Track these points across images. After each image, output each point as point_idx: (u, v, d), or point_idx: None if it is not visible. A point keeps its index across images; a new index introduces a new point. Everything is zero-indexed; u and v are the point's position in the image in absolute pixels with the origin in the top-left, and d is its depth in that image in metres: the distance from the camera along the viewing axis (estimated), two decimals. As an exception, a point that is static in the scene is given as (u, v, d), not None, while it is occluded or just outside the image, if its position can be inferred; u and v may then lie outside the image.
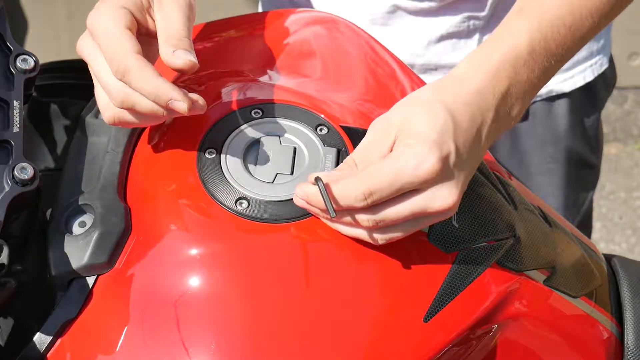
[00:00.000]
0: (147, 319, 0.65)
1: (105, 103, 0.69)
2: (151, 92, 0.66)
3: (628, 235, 2.36)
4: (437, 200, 0.65)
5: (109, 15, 0.68)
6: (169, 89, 0.66)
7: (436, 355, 0.67)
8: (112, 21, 0.68)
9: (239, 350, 0.64)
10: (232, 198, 0.69)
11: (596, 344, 0.81)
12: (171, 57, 0.67)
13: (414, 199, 0.65)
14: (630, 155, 2.59)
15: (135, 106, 0.67)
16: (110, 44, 0.67)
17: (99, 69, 0.68)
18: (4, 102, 0.69)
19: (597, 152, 1.23)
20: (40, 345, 0.66)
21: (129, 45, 0.67)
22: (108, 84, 0.68)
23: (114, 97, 0.68)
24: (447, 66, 1.07)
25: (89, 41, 0.70)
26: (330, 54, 0.83)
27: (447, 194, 0.65)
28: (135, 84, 0.66)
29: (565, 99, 1.13)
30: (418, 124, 0.66)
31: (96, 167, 0.73)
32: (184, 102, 0.66)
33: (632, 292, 0.85)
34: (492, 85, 0.69)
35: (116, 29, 0.68)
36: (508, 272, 0.73)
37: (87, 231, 0.69)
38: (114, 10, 0.69)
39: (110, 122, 0.70)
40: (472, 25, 1.04)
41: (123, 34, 0.67)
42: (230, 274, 0.67)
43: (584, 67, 1.12)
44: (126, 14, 0.69)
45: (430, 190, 0.65)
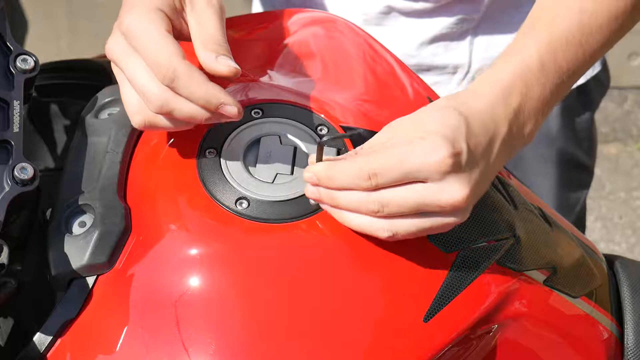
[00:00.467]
0: (147, 319, 0.65)
1: (137, 107, 0.68)
2: (202, 97, 0.65)
3: (628, 235, 2.36)
4: (446, 193, 0.64)
5: (147, 19, 0.67)
6: (220, 92, 0.66)
7: (436, 355, 0.67)
8: (152, 25, 0.67)
9: (239, 350, 0.64)
10: (232, 198, 0.69)
11: (596, 344, 0.81)
12: (214, 62, 0.67)
13: (421, 188, 0.64)
14: (630, 155, 2.59)
15: (174, 111, 0.66)
16: (153, 49, 0.66)
17: (134, 72, 0.67)
18: (4, 102, 0.69)
19: (591, 153, 1.23)
20: (40, 345, 0.66)
21: (175, 50, 0.66)
22: (146, 88, 0.66)
23: (152, 102, 0.66)
24: (439, 67, 1.07)
25: (122, 43, 0.68)
26: (330, 53, 0.83)
27: (457, 188, 0.64)
28: (185, 90, 0.65)
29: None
30: (431, 123, 0.65)
31: (96, 167, 0.73)
32: (234, 106, 0.66)
33: (632, 292, 0.85)
34: (505, 100, 0.69)
35: (158, 33, 0.66)
36: (508, 272, 0.73)
37: (87, 231, 0.69)
38: (150, 13, 0.67)
39: (140, 126, 0.69)
40: (464, 26, 1.04)
41: (166, 39, 0.66)
42: (230, 274, 0.67)
43: None
44: (163, 17, 0.68)
45: (439, 183, 0.64)
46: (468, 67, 1.08)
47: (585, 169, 1.23)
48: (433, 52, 1.06)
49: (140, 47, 0.67)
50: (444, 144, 0.63)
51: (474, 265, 0.71)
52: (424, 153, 0.63)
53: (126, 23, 0.68)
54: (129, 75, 0.68)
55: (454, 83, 1.08)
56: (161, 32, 0.67)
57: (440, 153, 0.63)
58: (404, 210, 0.65)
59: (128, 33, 0.67)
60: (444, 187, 0.64)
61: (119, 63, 0.69)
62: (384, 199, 0.64)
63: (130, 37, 0.67)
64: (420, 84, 0.83)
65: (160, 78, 0.65)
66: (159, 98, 0.66)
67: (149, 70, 0.66)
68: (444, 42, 1.05)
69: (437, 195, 0.64)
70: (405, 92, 0.82)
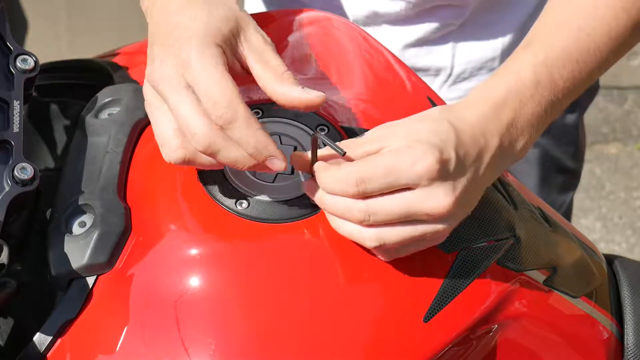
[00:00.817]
0: (147, 319, 0.65)
1: (178, 142, 0.66)
2: (253, 145, 0.64)
3: (628, 235, 2.36)
4: (432, 199, 0.64)
5: (209, 55, 0.64)
6: (271, 144, 0.64)
7: (436, 355, 0.67)
8: (212, 60, 0.64)
9: (239, 350, 0.64)
10: (232, 198, 0.69)
11: (596, 344, 0.81)
12: (304, 93, 0.65)
13: (408, 195, 0.64)
14: (630, 155, 2.59)
15: (220, 154, 0.64)
16: (212, 87, 0.63)
17: (183, 105, 0.64)
18: (4, 102, 0.69)
19: (577, 157, 1.22)
20: (40, 345, 0.66)
21: (235, 92, 0.63)
22: (195, 125, 0.63)
23: (199, 140, 0.63)
24: (422, 69, 1.07)
25: (173, 71, 0.65)
26: (328, 53, 0.83)
27: (442, 195, 0.64)
28: (238, 134, 0.63)
29: None
30: (422, 133, 0.66)
31: (96, 167, 0.73)
32: (282, 161, 0.65)
33: (632, 292, 0.85)
34: (497, 114, 0.69)
35: (217, 70, 0.64)
36: (508, 272, 0.73)
37: (87, 231, 0.69)
38: (211, 48, 0.65)
39: (178, 161, 0.66)
40: (447, 30, 1.04)
41: (226, 78, 0.64)
42: (230, 274, 0.67)
43: None
44: (222, 53, 0.65)
45: (426, 189, 0.64)
46: (450, 70, 1.08)
47: (570, 173, 1.23)
48: (416, 54, 1.06)
49: (197, 83, 0.64)
50: (432, 151, 0.64)
51: (474, 265, 0.71)
52: (412, 160, 0.64)
53: (183, 56, 0.64)
54: (174, 108, 0.65)
55: (436, 85, 1.08)
56: (222, 71, 0.64)
57: (428, 159, 0.63)
58: (391, 219, 0.65)
59: (185, 65, 0.64)
60: (430, 192, 0.64)
61: (166, 91, 0.65)
62: (370, 208, 0.64)
63: (186, 70, 0.64)
64: (419, 82, 0.83)
65: (216, 117, 0.63)
66: (208, 137, 0.63)
67: (199, 107, 0.64)
68: (427, 45, 1.05)
69: (424, 202, 0.64)
70: (405, 90, 0.82)
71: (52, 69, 0.89)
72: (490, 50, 1.07)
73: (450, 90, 1.09)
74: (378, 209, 0.64)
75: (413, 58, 1.06)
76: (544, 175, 1.18)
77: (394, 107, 0.79)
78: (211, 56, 0.64)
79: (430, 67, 1.08)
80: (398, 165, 0.64)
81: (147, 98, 0.68)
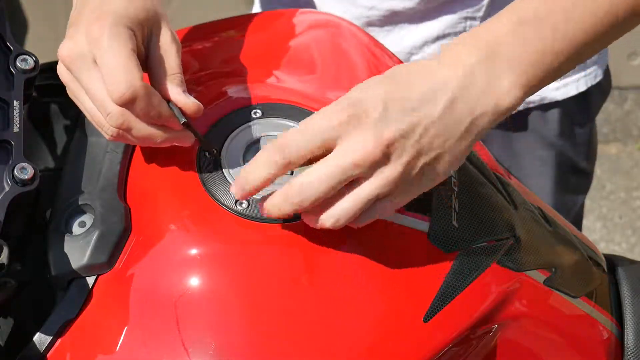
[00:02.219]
0: (147, 319, 0.65)
1: (102, 120, 0.67)
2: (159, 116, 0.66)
3: (628, 235, 2.36)
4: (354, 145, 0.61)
5: (116, 34, 0.65)
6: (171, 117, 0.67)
7: (436, 355, 0.67)
8: (120, 40, 0.65)
9: (239, 350, 0.64)
10: (232, 198, 0.69)
11: (596, 344, 0.81)
12: (184, 97, 0.67)
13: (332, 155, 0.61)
14: (630, 155, 2.59)
15: (133, 130, 0.67)
16: (117, 66, 0.64)
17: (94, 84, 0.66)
18: (4, 102, 0.69)
19: (590, 159, 1.23)
20: (40, 345, 0.66)
21: (137, 70, 0.65)
22: (106, 104, 0.65)
23: (112, 118, 0.66)
24: None
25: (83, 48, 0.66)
26: (329, 53, 0.83)
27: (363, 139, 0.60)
28: (139, 111, 0.65)
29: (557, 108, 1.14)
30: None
31: (96, 167, 0.73)
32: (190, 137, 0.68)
33: (632, 292, 0.85)
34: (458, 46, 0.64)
35: (124, 51, 0.65)
36: (508, 272, 0.73)
37: (87, 231, 0.69)
38: (122, 28, 0.66)
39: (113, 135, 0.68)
40: (468, 26, 1.04)
41: (131, 59, 0.65)
42: (230, 273, 0.67)
43: (578, 77, 1.12)
44: (132, 36, 0.67)
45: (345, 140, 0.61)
46: None
47: (584, 174, 1.23)
48: (436, 50, 1.06)
49: (103, 61, 0.65)
50: (342, 100, 0.62)
51: (474, 265, 0.71)
52: (323, 113, 0.62)
53: (94, 31, 0.65)
54: (87, 87, 0.66)
55: None
56: (129, 52, 0.65)
57: (337, 106, 0.62)
58: (324, 189, 0.62)
59: (94, 42, 0.66)
60: (351, 140, 0.61)
61: (77, 70, 0.67)
62: (298, 186, 0.62)
63: (95, 46, 0.65)
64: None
65: (117, 98, 0.64)
66: (119, 116, 0.65)
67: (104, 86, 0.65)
68: (448, 41, 1.05)
69: (346, 151, 0.61)
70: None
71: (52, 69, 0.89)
72: None
73: None
74: (307, 184, 0.62)
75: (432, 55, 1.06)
76: (559, 176, 1.18)
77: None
78: (121, 36, 0.66)
79: None
80: (311, 121, 0.62)
81: (63, 80, 0.69)
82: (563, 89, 1.12)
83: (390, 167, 0.62)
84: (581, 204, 1.26)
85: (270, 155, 0.63)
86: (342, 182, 0.62)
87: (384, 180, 0.62)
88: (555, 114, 1.14)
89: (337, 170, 0.61)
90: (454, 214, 0.72)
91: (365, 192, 0.63)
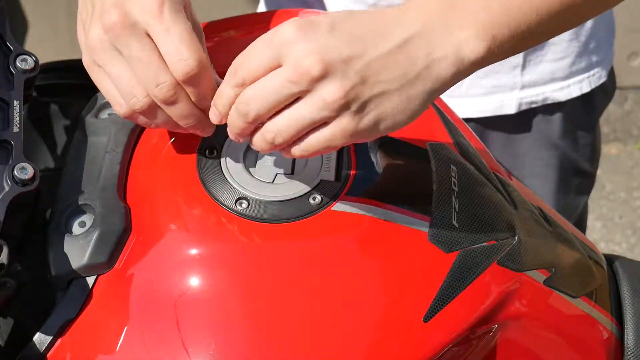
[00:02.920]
0: (147, 319, 0.65)
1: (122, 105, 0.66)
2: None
3: (628, 235, 2.36)
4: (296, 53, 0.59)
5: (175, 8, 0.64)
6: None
7: (436, 355, 0.67)
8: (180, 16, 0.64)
9: (239, 351, 0.64)
10: (232, 198, 0.69)
11: (596, 344, 0.81)
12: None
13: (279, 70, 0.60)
14: (630, 155, 2.59)
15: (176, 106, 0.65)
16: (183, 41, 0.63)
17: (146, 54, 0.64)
18: (4, 102, 0.69)
19: (593, 160, 1.22)
20: (40, 345, 0.66)
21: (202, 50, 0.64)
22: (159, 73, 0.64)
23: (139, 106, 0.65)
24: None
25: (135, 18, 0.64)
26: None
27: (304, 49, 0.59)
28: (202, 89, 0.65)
29: (560, 110, 1.13)
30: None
31: (96, 167, 0.73)
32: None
33: (632, 292, 0.85)
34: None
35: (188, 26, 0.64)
36: (508, 272, 0.73)
37: (87, 231, 0.69)
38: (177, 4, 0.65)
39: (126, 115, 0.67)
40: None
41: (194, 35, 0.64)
42: (230, 274, 0.67)
43: (581, 78, 1.12)
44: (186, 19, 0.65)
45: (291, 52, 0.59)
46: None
47: (586, 176, 1.23)
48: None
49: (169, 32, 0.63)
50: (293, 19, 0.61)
51: (474, 265, 0.71)
52: (274, 30, 0.61)
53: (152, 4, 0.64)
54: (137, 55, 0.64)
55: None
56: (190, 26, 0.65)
57: (287, 23, 0.60)
58: (266, 102, 0.61)
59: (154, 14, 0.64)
60: (294, 55, 0.59)
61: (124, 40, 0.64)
62: (245, 98, 0.61)
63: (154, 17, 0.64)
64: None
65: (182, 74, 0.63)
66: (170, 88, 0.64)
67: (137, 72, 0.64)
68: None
69: (290, 69, 0.59)
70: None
71: (52, 69, 0.89)
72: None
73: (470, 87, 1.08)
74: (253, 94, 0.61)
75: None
76: (562, 177, 1.18)
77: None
78: (181, 10, 0.65)
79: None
80: (262, 39, 0.61)
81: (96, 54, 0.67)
82: (566, 90, 1.12)
83: (328, 89, 0.59)
84: (584, 205, 1.26)
85: (227, 79, 0.62)
86: (283, 99, 0.60)
87: (320, 102, 0.60)
88: (558, 116, 1.14)
89: (277, 84, 0.60)
90: (454, 214, 0.72)
91: (300, 111, 0.61)
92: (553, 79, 1.10)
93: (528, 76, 1.08)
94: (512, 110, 1.10)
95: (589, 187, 1.26)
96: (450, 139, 0.79)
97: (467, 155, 0.79)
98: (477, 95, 1.09)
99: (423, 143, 0.76)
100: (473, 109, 1.10)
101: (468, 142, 0.81)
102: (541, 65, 1.09)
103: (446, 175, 0.74)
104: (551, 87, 1.10)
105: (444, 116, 0.81)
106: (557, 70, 1.10)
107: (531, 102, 1.10)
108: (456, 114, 0.85)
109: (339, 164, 0.71)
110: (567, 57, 1.09)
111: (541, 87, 1.10)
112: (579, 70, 1.11)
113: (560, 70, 1.10)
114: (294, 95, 0.60)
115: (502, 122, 1.12)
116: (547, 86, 1.10)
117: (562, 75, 1.10)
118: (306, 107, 0.60)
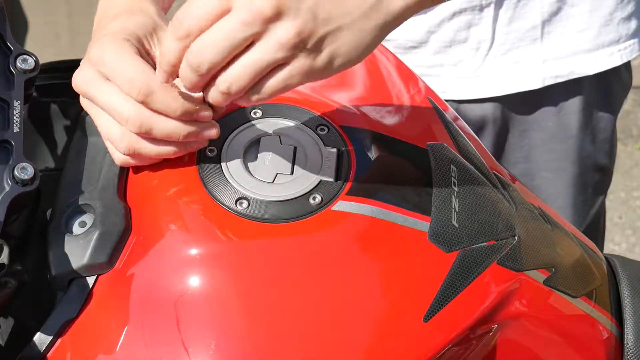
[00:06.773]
0: (147, 319, 0.66)
1: (119, 134, 0.67)
2: (180, 108, 0.65)
3: (628, 235, 2.36)
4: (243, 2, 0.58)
5: (117, 45, 0.67)
6: (196, 103, 0.65)
7: (436, 355, 0.67)
8: (122, 49, 0.66)
9: (239, 350, 0.64)
10: (232, 198, 0.69)
11: (596, 344, 0.81)
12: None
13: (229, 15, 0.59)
14: (630, 155, 2.59)
15: (153, 130, 0.66)
16: (125, 68, 0.65)
17: (108, 97, 0.66)
18: (4, 102, 0.69)
19: (610, 156, 1.20)
20: (40, 345, 0.66)
21: (147, 68, 0.65)
22: (123, 109, 0.65)
23: (131, 122, 0.65)
24: (461, 41, 1.06)
25: (91, 72, 0.67)
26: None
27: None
28: (160, 103, 0.65)
29: (578, 97, 1.12)
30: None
31: (96, 167, 0.73)
32: (210, 112, 0.66)
33: (632, 292, 0.85)
34: None
35: (128, 55, 0.66)
36: (508, 272, 0.73)
37: (87, 231, 0.69)
38: (119, 42, 0.67)
39: (126, 151, 0.68)
40: (486, 2, 1.03)
41: (137, 59, 0.66)
42: (230, 274, 0.67)
43: (611, 50, 1.10)
44: (131, 45, 0.67)
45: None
46: (491, 42, 1.06)
47: (604, 172, 1.20)
48: (454, 27, 1.05)
49: (111, 71, 0.66)
50: None
51: (474, 265, 0.71)
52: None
53: (94, 52, 0.67)
54: (102, 103, 0.67)
55: (478, 59, 1.07)
56: (133, 55, 0.66)
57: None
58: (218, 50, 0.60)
59: (98, 60, 0.67)
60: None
61: (90, 91, 0.68)
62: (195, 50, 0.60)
63: (100, 63, 0.67)
64: (420, 84, 0.83)
65: (135, 94, 0.64)
66: (137, 117, 0.65)
67: (122, 93, 0.66)
68: (465, 16, 1.04)
69: (240, 12, 0.58)
70: (406, 92, 0.82)
71: (52, 69, 0.89)
72: (530, 20, 1.06)
73: (492, 63, 1.08)
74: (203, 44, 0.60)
75: (451, 32, 1.05)
76: (580, 173, 1.16)
77: (395, 107, 0.79)
78: (121, 45, 0.66)
79: (470, 40, 1.07)
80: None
81: (85, 108, 0.70)
82: (594, 64, 1.09)
83: (282, 28, 0.59)
84: (599, 205, 1.22)
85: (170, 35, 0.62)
86: (236, 44, 0.59)
87: (276, 43, 0.59)
88: (575, 105, 1.12)
89: (229, 29, 0.59)
90: (454, 214, 0.72)
91: (256, 54, 0.60)
92: (577, 51, 1.08)
93: (550, 49, 1.07)
94: (538, 85, 1.08)
95: (606, 185, 1.23)
96: (450, 139, 0.79)
97: (467, 155, 0.79)
98: (501, 72, 1.08)
99: (423, 143, 0.76)
100: (497, 86, 1.09)
101: (468, 142, 0.81)
102: (562, 37, 1.07)
103: (446, 175, 0.74)
104: (576, 59, 1.08)
105: (443, 116, 0.81)
106: (581, 42, 1.08)
107: (556, 75, 1.08)
108: (456, 114, 0.85)
109: (339, 164, 0.72)
110: (589, 29, 1.08)
111: (565, 60, 1.08)
112: (606, 42, 1.09)
113: (585, 42, 1.08)
114: (247, 39, 0.59)
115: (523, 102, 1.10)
116: (572, 59, 1.09)
117: (588, 47, 1.08)
118: (261, 50, 0.60)
